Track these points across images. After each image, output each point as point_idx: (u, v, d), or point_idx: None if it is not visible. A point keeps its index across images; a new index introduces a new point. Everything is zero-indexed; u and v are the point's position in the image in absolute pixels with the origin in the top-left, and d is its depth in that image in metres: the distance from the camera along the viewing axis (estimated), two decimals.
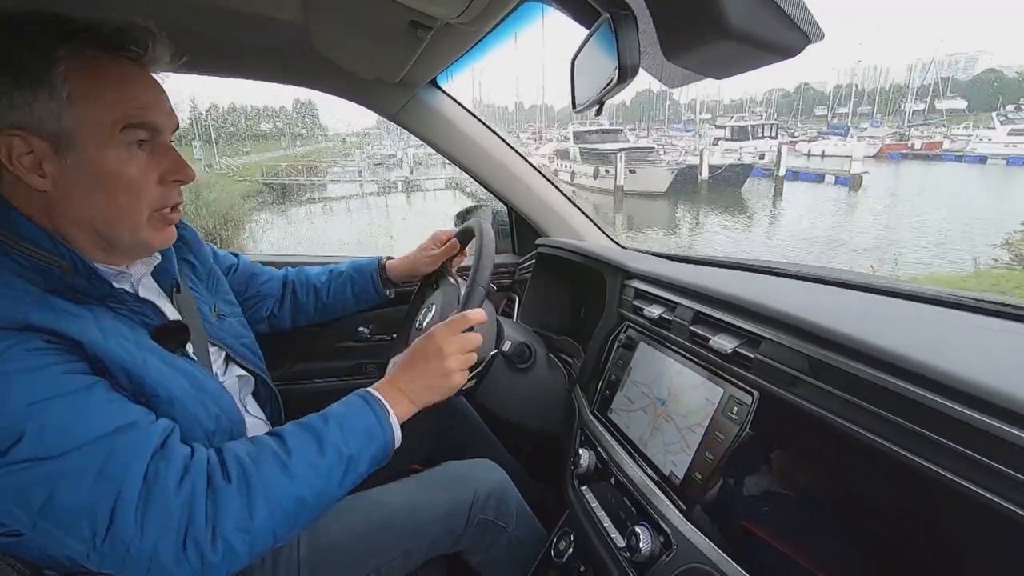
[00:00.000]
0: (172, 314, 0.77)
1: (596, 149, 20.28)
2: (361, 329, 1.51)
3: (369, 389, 0.76)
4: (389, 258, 1.26)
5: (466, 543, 0.94)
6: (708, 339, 0.74)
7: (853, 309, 0.74)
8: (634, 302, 0.98)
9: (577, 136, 21.55)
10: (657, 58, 0.52)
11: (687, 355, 0.81)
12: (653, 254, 1.29)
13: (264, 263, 1.24)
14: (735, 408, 0.67)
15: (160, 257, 0.79)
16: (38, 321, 0.55)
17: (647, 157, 19.75)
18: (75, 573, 0.62)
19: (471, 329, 0.83)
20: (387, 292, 1.25)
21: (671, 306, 0.86)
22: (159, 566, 0.55)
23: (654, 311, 0.89)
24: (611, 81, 0.59)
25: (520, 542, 0.98)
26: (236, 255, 1.16)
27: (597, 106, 0.69)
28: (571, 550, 0.91)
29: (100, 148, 0.62)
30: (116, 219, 0.66)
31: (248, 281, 1.16)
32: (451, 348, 0.79)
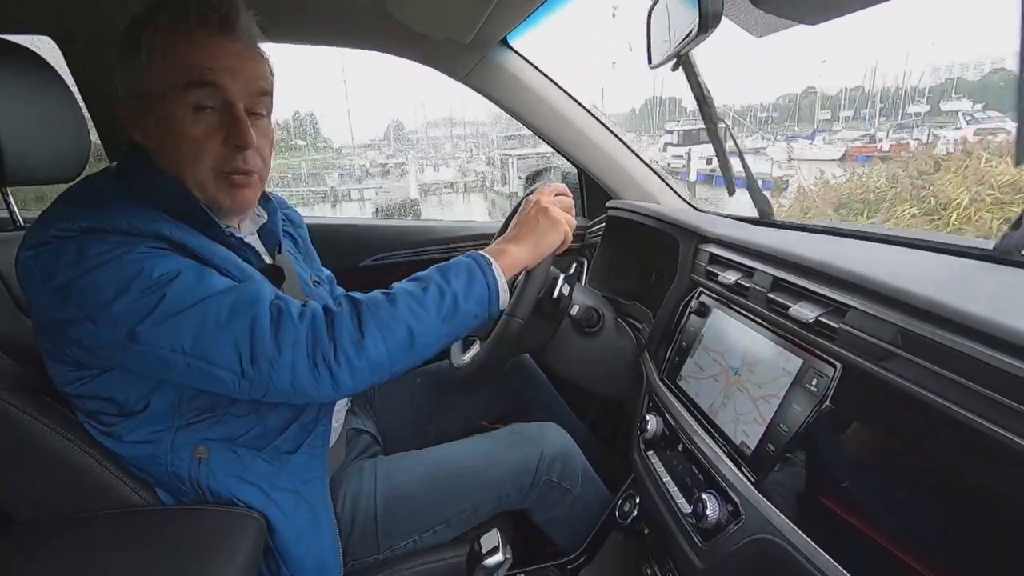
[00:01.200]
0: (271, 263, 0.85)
1: None
2: None
3: (476, 251, 0.80)
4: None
5: (532, 502, 0.97)
6: (787, 307, 0.70)
7: (949, 276, 0.68)
8: (708, 267, 0.94)
9: None
10: (742, 4, 0.49)
11: (764, 323, 0.77)
12: (730, 217, 1.23)
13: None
14: (815, 380, 0.64)
15: (266, 217, 0.87)
16: (168, 233, 0.66)
17: None
18: (189, 491, 0.72)
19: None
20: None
21: (748, 272, 0.82)
22: (298, 382, 0.64)
23: (730, 277, 0.85)
24: (691, 32, 0.56)
25: (584, 504, 1.00)
26: (326, 272, 1.20)
27: (674, 60, 0.66)
28: (635, 512, 0.92)
29: (169, 105, 0.68)
30: (186, 174, 0.71)
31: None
32: (549, 200, 0.85)
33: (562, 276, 0.99)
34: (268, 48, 0.78)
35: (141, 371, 0.67)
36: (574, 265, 1.56)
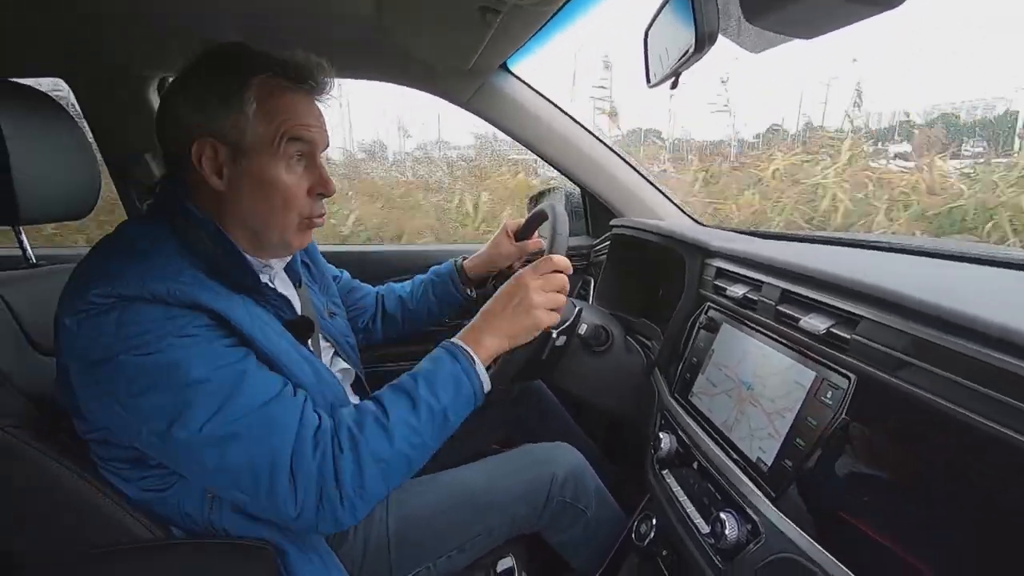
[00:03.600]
0: (299, 308, 0.86)
1: None
2: None
3: (454, 339, 0.79)
4: (465, 257, 1.24)
5: (545, 523, 0.96)
6: (798, 319, 0.69)
7: (960, 283, 0.67)
8: (716, 282, 0.94)
9: None
10: (737, 22, 0.49)
11: (775, 336, 0.77)
12: (734, 231, 1.23)
13: (340, 252, 1.28)
14: (829, 392, 0.63)
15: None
16: (205, 301, 0.64)
17: None
18: (201, 528, 0.71)
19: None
20: (468, 291, 1.22)
21: (756, 285, 0.82)
22: (304, 519, 0.65)
23: (737, 291, 0.85)
24: (687, 52, 0.57)
25: (599, 524, 0.99)
26: (341, 270, 1.22)
27: (672, 79, 0.67)
28: (652, 534, 0.90)
29: (268, 158, 0.71)
30: (271, 220, 0.74)
31: (348, 294, 1.20)
32: (536, 285, 0.80)
33: (555, 332, 0.98)
34: None
35: (159, 455, 0.67)
36: (580, 283, 1.55)
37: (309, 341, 0.83)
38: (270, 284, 0.79)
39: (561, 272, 0.83)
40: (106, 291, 0.61)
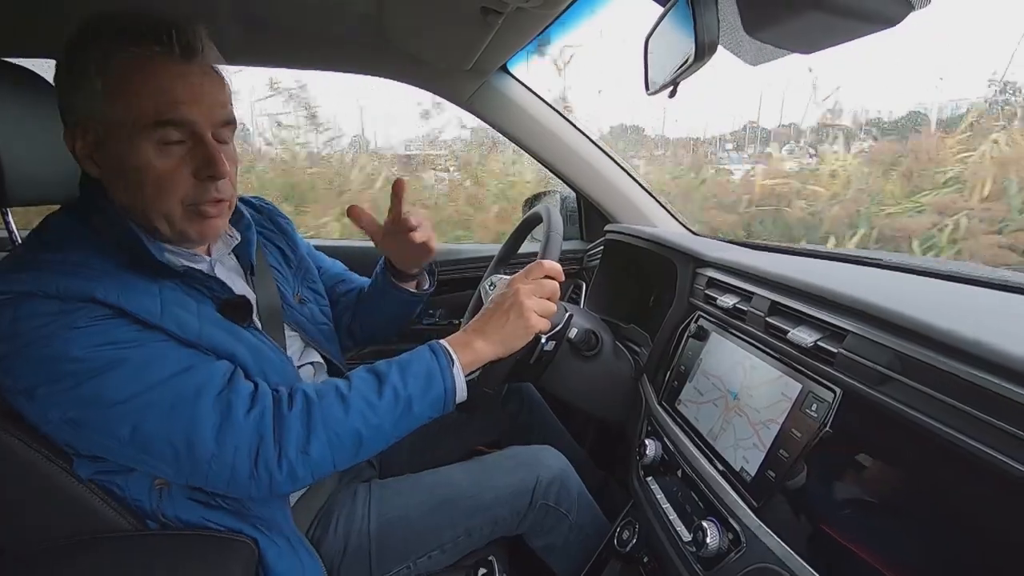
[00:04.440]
0: (242, 291, 0.82)
1: None
2: (431, 312, 1.55)
3: (440, 340, 0.78)
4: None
5: (528, 526, 0.95)
6: (786, 331, 0.70)
7: (948, 301, 0.68)
8: (706, 291, 0.94)
9: None
10: (737, 34, 0.50)
11: (763, 348, 0.77)
12: (728, 241, 1.24)
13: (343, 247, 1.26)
14: (814, 405, 0.63)
15: (239, 238, 0.85)
16: (101, 295, 0.62)
17: None
18: (152, 517, 0.70)
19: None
20: (391, 278, 1.06)
21: (746, 296, 0.83)
22: (236, 481, 0.64)
23: (728, 301, 0.85)
24: (687, 61, 0.57)
25: (581, 529, 0.98)
26: (334, 261, 1.18)
27: (671, 88, 0.67)
28: (635, 540, 0.90)
29: (131, 141, 0.65)
30: (149, 209, 0.68)
31: (336, 286, 1.14)
32: (527, 290, 0.80)
33: (544, 337, 0.97)
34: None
35: (81, 444, 0.66)
36: (571, 288, 1.56)
37: (260, 325, 0.81)
38: (195, 267, 0.74)
39: (552, 278, 0.83)
40: (4, 287, 0.61)
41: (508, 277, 0.88)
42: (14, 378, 0.61)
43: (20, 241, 0.98)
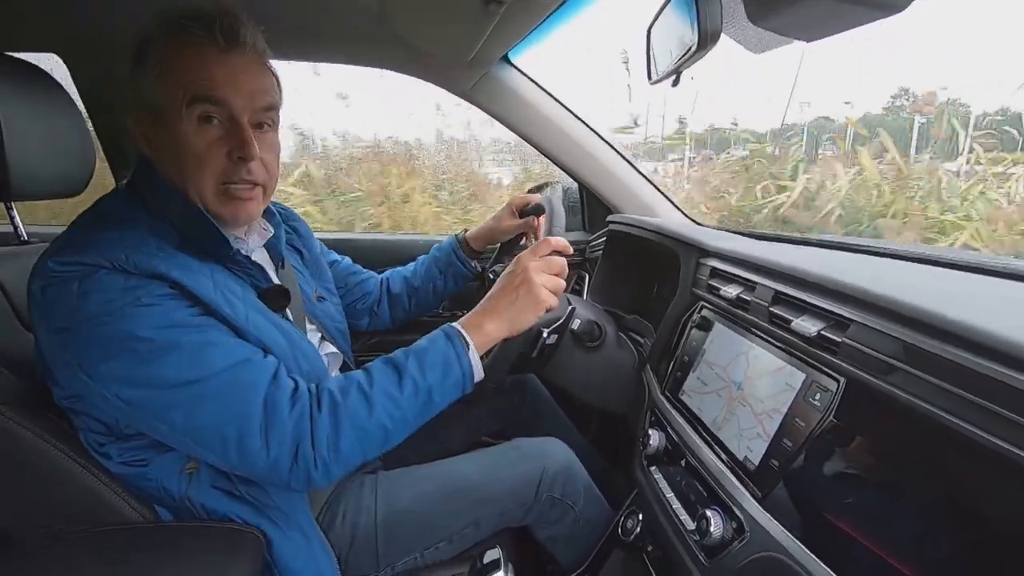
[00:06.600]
0: (277, 281, 0.85)
1: None
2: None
3: (454, 324, 0.79)
4: (466, 230, 1.25)
5: (533, 518, 0.96)
6: (790, 321, 0.70)
7: (952, 290, 0.68)
8: (710, 281, 0.94)
9: None
10: (740, 22, 0.49)
11: (766, 337, 0.77)
12: (730, 231, 1.23)
13: (343, 240, 1.28)
14: (818, 394, 0.63)
15: (271, 231, 0.88)
16: (164, 270, 0.65)
17: None
18: (178, 504, 0.72)
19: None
20: (474, 264, 1.24)
21: (750, 286, 0.82)
22: (277, 474, 0.67)
23: (731, 291, 0.85)
24: (690, 49, 0.57)
25: (587, 520, 0.99)
26: (342, 256, 1.23)
27: (674, 76, 0.67)
28: (638, 530, 0.91)
29: (176, 120, 0.69)
30: (188, 182, 0.72)
31: (347, 278, 1.21)
32: (536, 266, 0.80)
33: (546, 331, 0.97)
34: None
35: (130, 421, 0.68)
36: (574, 278, 1.55)
37: (289, 314, 0.83)
38: (243, 253, 0.78)
39: (560, 254, 0.84)
40: (69, 259, 0.62)
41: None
42: (75, 352, 0.63)
43: (25, 236, 0.99)
